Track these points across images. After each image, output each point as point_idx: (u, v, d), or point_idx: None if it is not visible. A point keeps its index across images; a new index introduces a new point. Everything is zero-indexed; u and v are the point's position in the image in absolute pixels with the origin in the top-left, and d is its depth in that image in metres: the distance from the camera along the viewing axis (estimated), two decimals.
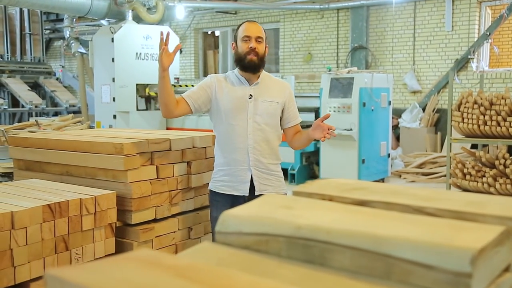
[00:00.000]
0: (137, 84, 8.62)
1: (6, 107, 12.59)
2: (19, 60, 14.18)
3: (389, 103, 7.73)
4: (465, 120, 5.81)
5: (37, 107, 12.67)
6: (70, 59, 15.03)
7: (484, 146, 6.52)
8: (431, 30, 9.46)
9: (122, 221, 2.94)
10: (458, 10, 9.17)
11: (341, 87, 7.36)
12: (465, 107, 5.82)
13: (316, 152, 7.81)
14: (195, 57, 12.74)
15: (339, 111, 7.27)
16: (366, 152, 7.28)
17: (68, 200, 2.57)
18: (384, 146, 7.65)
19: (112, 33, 8.38)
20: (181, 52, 9.54)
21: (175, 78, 8.97)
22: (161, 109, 2.88)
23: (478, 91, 6.05)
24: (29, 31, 14.28)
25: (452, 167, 6.06)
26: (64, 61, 15.59)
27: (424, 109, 9.35)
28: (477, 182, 5.83)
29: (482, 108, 5.67)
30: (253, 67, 2.86)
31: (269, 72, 3.28)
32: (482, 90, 6.20)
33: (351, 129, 7.15)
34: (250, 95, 2.88)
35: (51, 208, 2.49)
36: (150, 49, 8.67)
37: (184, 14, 9.94)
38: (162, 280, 0.74)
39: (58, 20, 14.65)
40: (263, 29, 2.94)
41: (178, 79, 9.07)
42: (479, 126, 5.69)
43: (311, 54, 10.88)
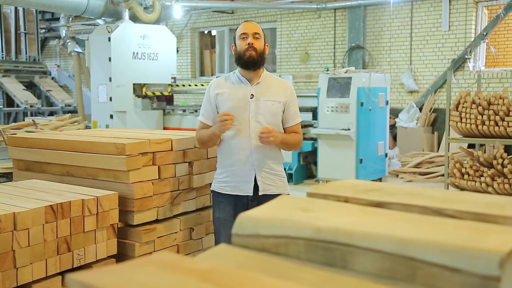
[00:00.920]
0: (134, 84, 8.58)
1: (1, 107, 12.49)
2: (14, 60, 14.08)
3: (387, 103, 7.73)
4: (463, 120, 5.82)
5: (33, 107, 12.59)
6: (66, 59, 14.96)
7: (481, 146, 6.54)
8: (428, 30, 9.47)
9: (124, 222, 2.92)
10: (455, 10, 9.19)
11: (339, 87, 7.35)
12: (463, 107, 5.84)
13: (314, 152, 7.80)
14: (192, 57, 12.71)
15: (337, 111, 7.27)
16: (364, 152, 7.27)
17: (70, 201, 2.55)
18: (382, 146, 7.65)
19: (109, 33, 8.34)
20: (178, 52, 9.52)
21: (172, 78, 8.94)
22: (200, 146, 3.11)
23: (476, 91, 6.06)
24: (24, 30, 14.17)
25: (450, 167, 6.07)
26: (60, 61, 15.51)
27: (421, 109, 9.36)
28: (475, 182, 5.84)
29: (480, 108, 5.69)
30: (253, 63, 2.84)
31: None
32: (480, 90, 6.21)
33: (349, 129, 7.15)
34: (252, 95, 2.86)
35: (53, 209, 2.47)
36: (147, 49, 8.63)
37: (181, 14, 9.91)
38: (187, 285, 0.73)
39: (54, 19, 14.57)
40: (261, 28, 2.93)
41: (175, 79, 9.04)
42: (477, 126, 5.71)
43: (308, 54, 10.87)
